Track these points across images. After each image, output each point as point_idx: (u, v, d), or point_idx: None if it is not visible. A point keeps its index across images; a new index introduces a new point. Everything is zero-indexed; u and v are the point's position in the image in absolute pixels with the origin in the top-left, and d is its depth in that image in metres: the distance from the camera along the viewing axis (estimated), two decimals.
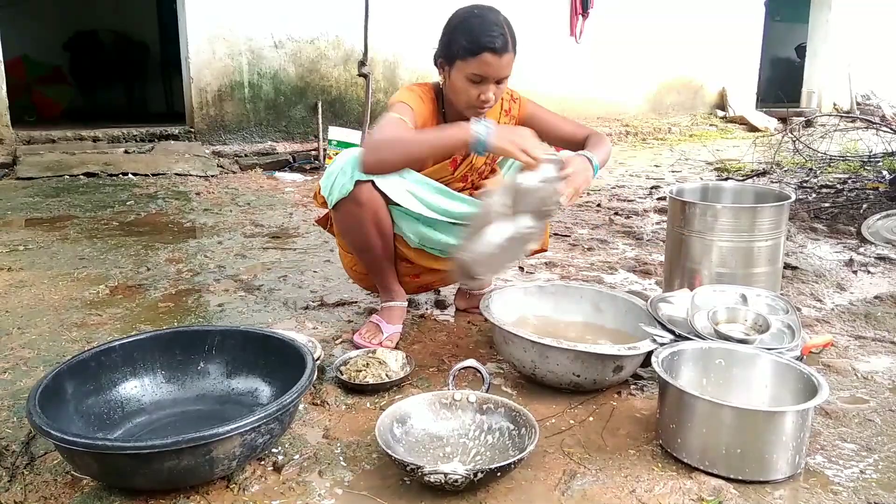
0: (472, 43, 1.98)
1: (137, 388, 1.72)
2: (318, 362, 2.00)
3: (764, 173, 5.51)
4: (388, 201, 2.09)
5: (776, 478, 1.51)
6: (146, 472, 1.36)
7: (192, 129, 6.11)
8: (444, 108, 2.21)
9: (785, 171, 5.56)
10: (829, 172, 5.33)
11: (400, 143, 1.99)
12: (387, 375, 1.95)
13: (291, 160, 6.00)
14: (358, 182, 2.02)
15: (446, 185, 2.17)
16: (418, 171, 2.12)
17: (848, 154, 5.70)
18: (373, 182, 2.03)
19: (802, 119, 8.33)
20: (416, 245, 2.21)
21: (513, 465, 1.46)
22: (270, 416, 1.42)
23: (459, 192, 2.22)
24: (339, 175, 2.05)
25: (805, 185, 5.00)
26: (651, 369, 1.72)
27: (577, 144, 2.24)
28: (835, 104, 10.34)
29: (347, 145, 5.69)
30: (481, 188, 2.24)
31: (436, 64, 2.14)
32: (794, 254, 3.28)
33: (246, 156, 6.02)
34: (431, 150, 2.03)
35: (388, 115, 2.07)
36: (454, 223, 2.19)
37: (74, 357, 1.65)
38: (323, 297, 2.68)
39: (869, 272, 3.05)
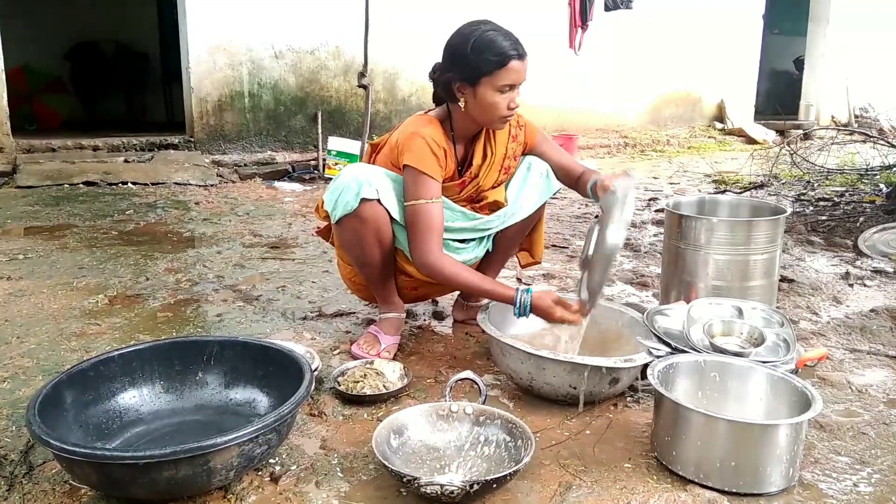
0: (498, 55, 1.97)
1: (136, 398, 1.73)
2: (316, 373, 2.01)
3: (761, 186, 5.53)
4: (391, 217, 2.11)
5: (770, 490, 1.52)
6: (144, 481, 1.37)
7: (192, 139, 6.13)
8: (453, 131, 2.16)
9: (782, 183, 5.58)
10: (827, 185, 5.35)
11: (458, 280, 2.09)
12: (384, 386, 1.96)
13: (291, 170, 6.02)
14: (363, 199, 2.03)
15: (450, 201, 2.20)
16: None
17: (845, 167, 5.73)
18: (378, 199, 2.05)
19: (800, 132, 8.37)
20: None
21: (509, 477, 1.47)
22: (268, 427, 1.43)
23: (462, 206, 2.23)
24: (343, 191, 2.06)
25: (802, 197, 5.02)
26: (647, 381, 1.73)
27: (572, 177, 2.30)
28: (833, 117, 10.38)
29: (347, 155, 5.72)
30: (483, 200, 2.26)
31: (450, 90, 2.07)
32: (791, 267, 3.29)
33: (245, 165, 6.03)
34: (480, 295, 2.25)
35: (420, 208, 2.04)
36: (454, 239, 2.22)
37: (73, 367, 1.66)
38: (321, 308, 2.69)
39: (865, 285, 3.06)
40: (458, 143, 2.19)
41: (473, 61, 1.99)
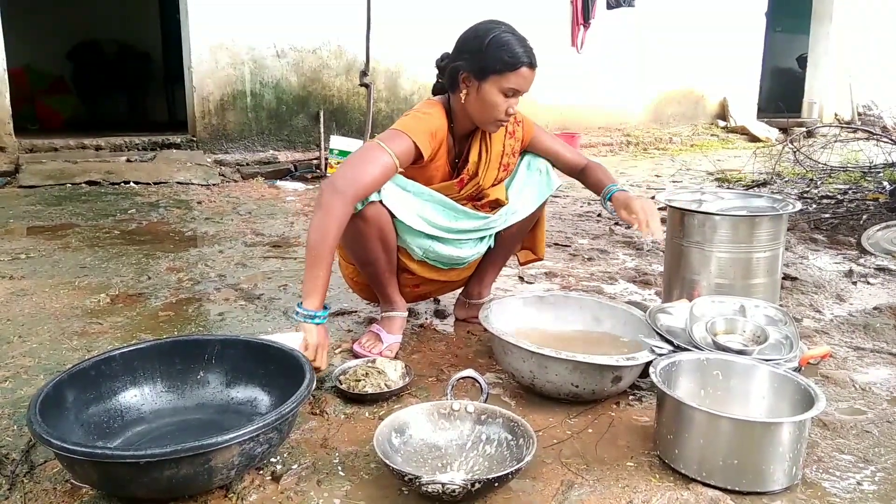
0: (512, 57, 1.98)
1: (137, 397, 1.73)
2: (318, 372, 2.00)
3: (764, 184, 5.52)
4: (393, 215, 2.10)
5: (773, 489, 1.51)
6: (145, 480, 1.36)
7: (194, 138, 6.13)
8: (453, 123, 2.16)
9: (785, 181, 5.57)
10: (830, 183, 5.33)
11: (317, 240, 1.87)
12: (386, 385, 1.96)
13: (293, 169, 6.02)
14: (366, 201, 2.03)
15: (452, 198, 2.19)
16: (425, 185, 2.15)
17: (848, 165, 5.70)
18: (380, 200, 2.04)
19: (803, 129, 8.34)
20: (419, 258, 2.23)
21: (510, 476, 1.47)
22: (269, 426, 1.43)
23: (464, 205, 2.23)
24: None
25: (805, 195, 5.01)
26: (649, 380, 1.73)
27: (576, 171, 2.38)
28: (836, 115, 10.36)
29: (349, 154, 5.71)
30: (484, 198, 2.25)
31: (455, 78, 2.06)
32: (794, 264, 3.28)
33: (247, 164, 6.04)
34: (308, 262, 1.89)
35: (372, 147, 1.98)
36: (457, 238, 2.21)
37: (75, 366, 1.66)
38: None
39: (868, 283, 3.06)
40: (457, 135, 2.19)
41: (486, 56, 2.00)
